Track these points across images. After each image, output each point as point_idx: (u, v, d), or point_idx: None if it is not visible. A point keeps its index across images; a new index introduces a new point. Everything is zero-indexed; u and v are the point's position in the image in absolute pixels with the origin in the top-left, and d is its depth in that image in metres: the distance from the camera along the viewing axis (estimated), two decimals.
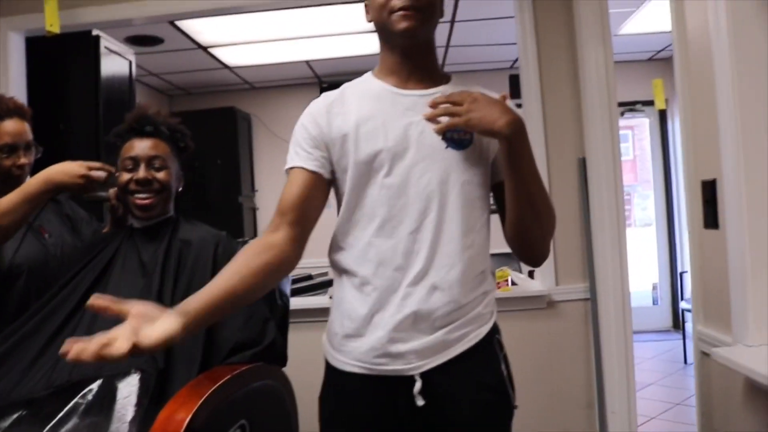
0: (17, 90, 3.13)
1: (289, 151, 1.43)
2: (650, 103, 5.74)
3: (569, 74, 2.92)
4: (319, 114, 1.40)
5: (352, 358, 1.36)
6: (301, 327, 3.03)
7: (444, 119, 1.32)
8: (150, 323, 1.13)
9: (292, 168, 1.40)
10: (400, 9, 1.32)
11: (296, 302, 3.10)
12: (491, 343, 1.40)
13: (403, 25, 1.32)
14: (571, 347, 2.91)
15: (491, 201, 1.45)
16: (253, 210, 6.15)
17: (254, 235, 6.00)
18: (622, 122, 6.50)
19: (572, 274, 2.91)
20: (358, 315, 1.35)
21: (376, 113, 1.37)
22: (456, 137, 1.35)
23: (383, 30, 1.39)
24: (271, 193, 6.06)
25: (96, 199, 1.96)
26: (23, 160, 1.96)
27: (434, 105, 1.33)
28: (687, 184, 1.95)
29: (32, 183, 1.80)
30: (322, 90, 5.90)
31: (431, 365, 1.31)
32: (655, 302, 6.28)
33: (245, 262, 1.31)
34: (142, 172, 1.80)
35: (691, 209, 1.93)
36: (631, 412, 2.76)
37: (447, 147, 1.35)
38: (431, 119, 1.33)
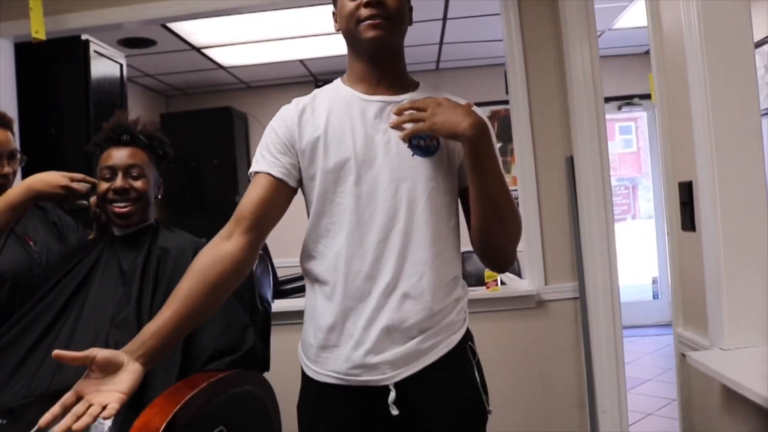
0: (7, 96, 3.15)
1: (256, 154, 1.43)
2: (648, 96, 5.72)
3: (556, 72, 2.91)
4: (291, 120, 1.41)
5: (327, 369, 1.37)
6: (291, 329, 3.06)
7: (409, 125, 1.33)
8: (112, 375, 1.21)
9: (257, 172, 1.40)
10: (367, 18, 1.33)
11: (285, 304, 3.11)
12: (464, 350, 1.40)
13: (371, 34, 1.34)
14: (561, 346, 2.91)
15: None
16: None
17: None
18: (623, 115, 6.49)
19: (561, 273, 2.91)
20: (330, 326, 1.35)
21: (345, 121, 1.38)
22: (423, 144, 1.36)
23: (351, 38, 1.40)
24: None
25: (76, 208, 1.98)
26: (6, 169, 1.98)
27: (399, 112, 1.35)
28: (665, 185, 1.95)
29: (14, 191, 1.82)
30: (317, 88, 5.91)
31: (405, 374, 1.32)
32: (655, 296, 6.25)
33: (200, 278, 1.32)
34: (119, 182, 1.81)
35: (669, 211, 1.92)
36: (622, 411, 2.76)
37: (414, 155, 1.36)
38: (396, 126, 1.34)
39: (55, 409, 1.16)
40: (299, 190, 1.44)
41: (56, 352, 1.20)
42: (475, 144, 1.27)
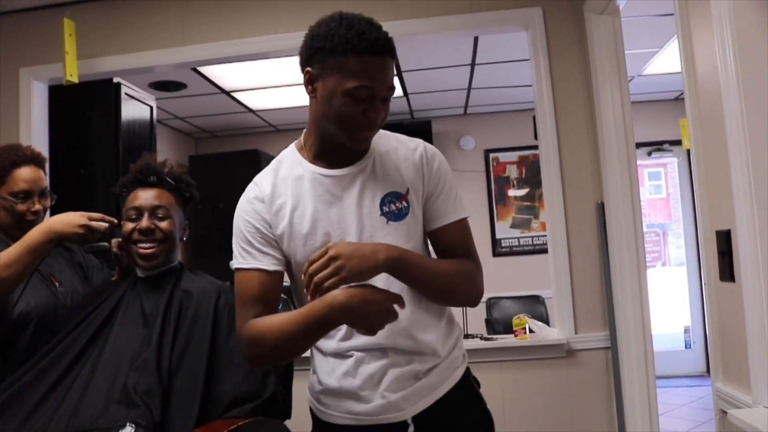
0: (39, 136, 3.21)
1: (235, 245, 1.47)
2: (678, 142, 5.66)
3: (586, 117, 2.89)
4: (264, 211, 1.43)
5: (342, 411, 1.41)
6: None
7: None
8: None
9: (248, 269, 1.42)
10: (367, 130, 1.34)
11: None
12: (469, 380, 1.49)
13: (365, 145, 1.39)
14: (591, 397, 2.82)
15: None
16: None
17: None
18: (652, 161, 6.42)
19: (592, 322, 2.84)
20: (344, 380, 1.39)
21: (315, 204, 1.39)
22: (393, 209, 1.38)
23: (335, 131, 1.36)
24: None
25: (95, 250, 1.97)
26: (37, 206, 2.00)
27: (308, 281, 1.25)
28: (702, 233, 1.88)
29: (34, 234, 1.82)
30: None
31: (422, 408, 1.38)
32: (687, 346, 6.08)
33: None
34: (145, 222, 1.80)
35: (707, 260, 1.85)
36: None
37: (388, 222, 1.38)
38: (312, 294, 1.24)
39: None
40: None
41: None
42: (395, 269, 1.29)
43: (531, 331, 2.98)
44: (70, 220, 1.83)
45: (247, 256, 1.43)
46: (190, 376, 1.66)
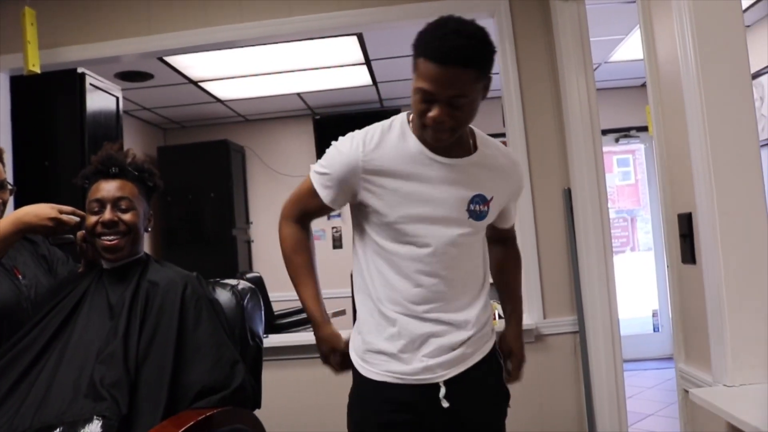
0: (2, 127, 3.15)
1: (319, 165, 1.63)
2: (645, 129, 5.73)
3: (553, 105, 2.91)
4: (361, 159, 1.53)
5: (383, 370, 1.56)
6: (284, 365, 3.01)
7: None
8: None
9: (316, 188, 1.62)
10: (432, 130, 1.46)
11: (279, 339, 3.07)
12: (495, 352, 1.66)
13: (439, 143, 1.49)
14: (560, 381, 2.86)
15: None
16: (248, 242, 6.13)
17: (249, 267, 5.97)
18: (620, 147, 6.49)
19: (560, 307, 2.88)
20: (389, 343, 1.55)
21: (414, 175, 1.52)
22: (477, 210, 1.54)
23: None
24: (266, 225, 6.04)
25: (60, 242, 1.94)
26: None
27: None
28: (664, 216, 1.91)
29: (2, 224, 1.79)
30: (316, 122, 5.93)
31: (454, 374, 1.54)
32: (656, 329, 6.17)
33: (312, 258, 1.69)
34: (107, 214, 1.78)
35: (669, 243, 1.89)
36: None
37: (469, 218, 1.54)
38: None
39: None
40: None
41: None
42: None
43: (500, 317, 3.00)
44: (41, 212, 1.79)
45: (323, 179, 1.58)
46: (157, 367, 1.65)
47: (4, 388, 1.64)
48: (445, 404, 1.53)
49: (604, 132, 5.81)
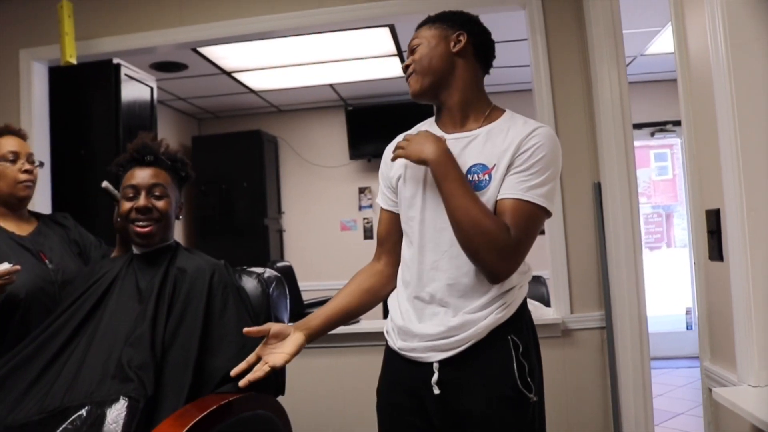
0: (40, 117, 3.23)
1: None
2: (680, 123, 5.61)
3: (584, 98, 2.88)
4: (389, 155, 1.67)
5: (394, 341, 1.63)
6: (308, 353, 3.03)
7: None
8: (282, 341, 1.63)
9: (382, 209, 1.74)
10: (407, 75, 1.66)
11: None
12: (500, 341, 1.54)
13: (410, 89, 1.64)
14: (586, 377, 2.84)
15: None
16: (280, 232, 6.18)
17: (281, 257, 6.03)
18: (658, 141, 6.37)
19: (588, 302, 2.85)
20: (400, 319, 1.61)
21: None
22: (475, 179, 1.52)
23: None
24: (297, 215, 6.11)
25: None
26: (28, 166, 2.06)
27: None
28: (692, 213, 1.88)
29: None
30: (348, 113, 5.95)
31: (446, 356, 1.53)
32: (689, 327, 6.08)
33: (358, 284, 1.72)
34: (142, 200, 1.83)
35: (696, 240, 1.86)
36: None
37: None
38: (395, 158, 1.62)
39: (242, 365, 1.62)
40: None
41: (246, 329, 1.61)
42: (435, 165, 1.49)
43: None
44: None
45: (379, 197, 1.76)
46: (183, 351, 1.69)
47: (36, 369, 1.70)
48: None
49: (639, 126, 5.70)
